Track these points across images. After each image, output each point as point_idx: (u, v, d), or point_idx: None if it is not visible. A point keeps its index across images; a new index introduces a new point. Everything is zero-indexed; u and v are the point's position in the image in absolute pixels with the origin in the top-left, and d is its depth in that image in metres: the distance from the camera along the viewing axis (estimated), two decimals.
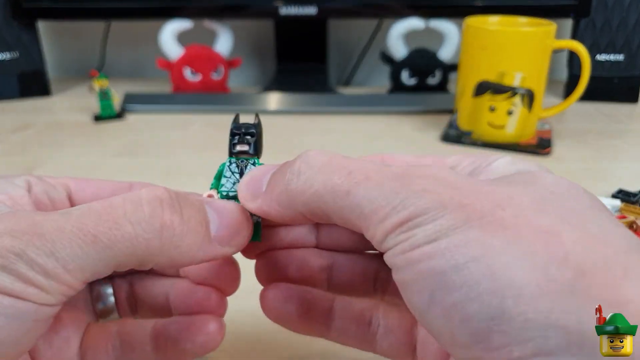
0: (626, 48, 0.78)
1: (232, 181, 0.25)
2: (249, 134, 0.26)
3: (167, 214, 0.20)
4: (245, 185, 0.23)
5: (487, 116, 0.65)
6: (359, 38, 0.96)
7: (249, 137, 0.26)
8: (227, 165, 0.26)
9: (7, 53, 0.82)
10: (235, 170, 0.25)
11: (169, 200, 0.21)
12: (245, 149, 0.26)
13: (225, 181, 0.25)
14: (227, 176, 0.25)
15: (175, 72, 0.84)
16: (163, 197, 0.21)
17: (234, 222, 0.22)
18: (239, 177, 0.25)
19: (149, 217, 0.20)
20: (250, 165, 0.25)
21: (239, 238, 0.23)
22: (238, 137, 0.26)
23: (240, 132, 0.26)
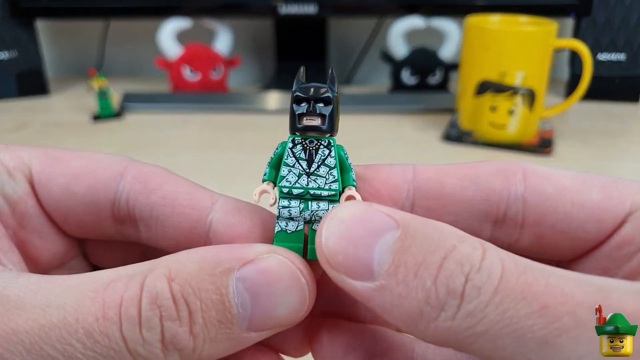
0: (628, 47, 0.78)
1: (296, 172, 0.18)
2: (322, 101, 0.18)
3: (169, 334, 0.15)
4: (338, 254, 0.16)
5: (488, 116, 0.65)
6: (359, 37, 0.95)
7: (321, 105, 0.18)
8: (289, 148, 0.19)
9: (6, 52, 0.82)
10: (300, 155, 0.18)
11: (170, 307, 0.15)
12: (315, 124, 0.18)
13: (286, 171, 0.18)
14: (290, 164, 0.18)
15: (174, 71, 0.83)
16: (161, 301, 0.15)
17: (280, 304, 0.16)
18: (306, 165, 0.18)
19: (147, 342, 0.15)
20: (324, 148, 0.18)
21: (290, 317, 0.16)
22: (306, 106, 0.18)
23: (310, 97, 0.18)
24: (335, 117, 0.18)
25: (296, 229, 0.18)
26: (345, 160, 0.19)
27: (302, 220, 0.18)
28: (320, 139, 0.18)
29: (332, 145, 0.18)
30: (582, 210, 0.18)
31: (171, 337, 0.15)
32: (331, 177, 0.18)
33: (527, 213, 0.19)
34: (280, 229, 0.18)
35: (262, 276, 0.16)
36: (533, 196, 0.18)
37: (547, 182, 0.18)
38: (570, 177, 0.18)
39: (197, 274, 0.16)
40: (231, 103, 0.80)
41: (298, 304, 0.17)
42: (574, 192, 0.18)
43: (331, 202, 0.18)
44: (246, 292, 0.16)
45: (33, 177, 0.20)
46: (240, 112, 0.78)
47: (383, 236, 0.15)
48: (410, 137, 0.69)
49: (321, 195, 0.18)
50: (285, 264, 0.17)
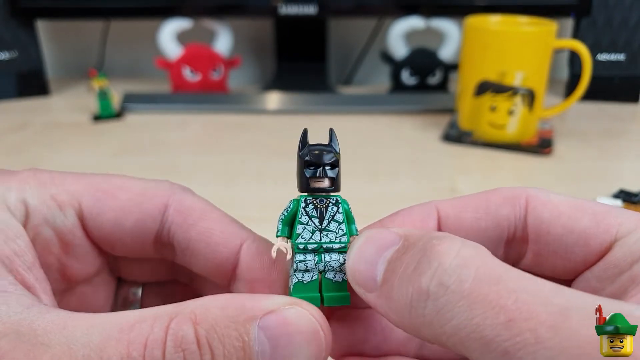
0: (627, 47, 0.78)
1: (310, 228, 0.20)
2: (330, 165, 0.20)
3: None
4: (355, 272, 0.19)
5: (488, 116, 0.65)
6: (359, 37, 0.95)
7: (330, 170, 0.20)
8: (302, 207, 0.20)
9: (6, 52, 0.82)
10: (313, 213, 0.20)
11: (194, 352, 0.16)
12: (324, 186, 0.20)
13: (301, 229, 0.20)
14: (304, 222, 0.20)
15: (175, 71, 0.83)
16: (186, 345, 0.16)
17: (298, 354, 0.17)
18: (318, 222, 0.20)
19: None
20: (333, 206, 0.20)
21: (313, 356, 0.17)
22: (315, 170, 0.20)
23: (320, 163, 0.20)
24: (339, 177, 0.21)
25: (312, 279, 0.21)
26: (350, 214, 0.21)
27: (316, 271, 0.21)
28: (329, 198, 0.21)
29: (339, 203, 0.21)
30: (571, 235, 0.20)
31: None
32: (341, 231, 0.21)
33: (528, 233, 0.21)
34: (297, 280, 0.21)
35: (283, 327, 0.17)
36: (532, 219, 0.21)
37: (545, 207, 0.21)
38: (567, 203, 0.21)
39: (221, 320, 0.16)
40: (231, 103, 0.80)
41: (315, 356, 0.17)
42: (567, 218, 0.20)
43: (341, 252, 0.21)
44: (267, 340, 0.16)
45: (83, 212, 0.22)
46: (240, 112, 0.78)
47: (386, 251, 0.18)
48: (410, 137, 0.70)
49: (333, 248, 0.21)
50: (306, 316, 0.17)
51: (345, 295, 0.20)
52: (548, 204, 0.21)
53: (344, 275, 0.20)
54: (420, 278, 0.16)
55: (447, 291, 0.15)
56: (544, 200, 0.21)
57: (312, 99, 0.81)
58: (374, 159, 0.63)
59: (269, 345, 0.16)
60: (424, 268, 0.16)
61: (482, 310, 0.15)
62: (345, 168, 0.22)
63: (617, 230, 0.19)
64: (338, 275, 0.21)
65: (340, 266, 0.20)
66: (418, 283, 0.16)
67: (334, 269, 0.21)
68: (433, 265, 0.16)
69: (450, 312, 0.15)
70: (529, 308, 0.14)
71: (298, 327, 0.17)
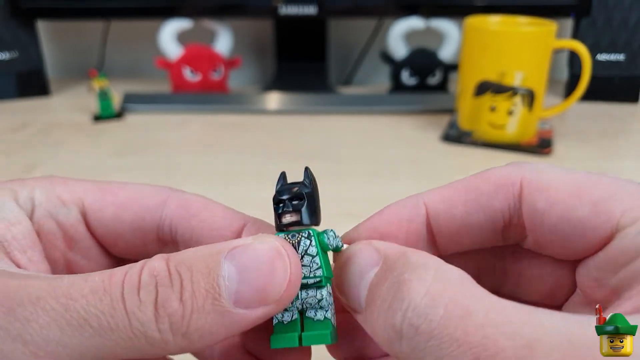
0: (627, 48, 0.78)
1: None
2: (295, 198, 0.20)
3: (161, 299, 0.17)
4: (342, 294, 0.20)
5: (488, 116, 0.65)
6: (359, 37, 0.95)
7: (296, 202, 0.20)
8: None
9: (6, 53, 0.82)
10: None
11: (165, 278, 0.17)
12: (294, 219, 0.20)
13: None
14: None
15: (175, 71, 0.83)
16: (159, 274, 0.17)
17: (264, 275, 0.18)
18: None
19: (143, 304, 0.17)
20: (305, 239, 0.20)
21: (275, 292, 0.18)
22: (283, 206, 0.20)
23: (284, 197, 0.20)
24: (312, 210, 0.20)
25: (292, 319, 0.20)
26: (326, 246, 0.20)
27: (295, 309, 0.20)
28: (301, 232, 0.20)
29: (312, 236, 0.20)
30: (568, 225, 0.19)
31: (163, 301, 0.17)
32: (315, 265, 0.20)
33: (524, 221, 0.20)
34: (277, 321, 0.20)
35: (248, 254, 0.18)
36: (527, 209, 0.20)
37: (540, 195, 0.19)
38: (565, 189, 0.19)
39: (192, 256, 0.18)
40: (231, 104, 0.80)
41: (281, 278, 0.18)
42: (562, 207, 0.19)
43: (318, 288, 0.20)
44: (234, 267, 0.17)
45: (85, 208, 0.23)
46: (240, 112, 0.78)
47: (368, 273, 0.18)
48: (410, 138, 0.70)
49: (307, 283, 0.20)
50: (270, 242, 0.18)
51: (325, 334, 0.19)
52: (544, 190, 0.19)
53: (326, 312, 0.20)
54: (394, 316, 0.16)
55: (417, 332, 0.15)
56: (540, 186, 0.20)
57: (312, 99, 0.81)
58: (374, 159, 0.63)
59: (236, 271, 0.17)
60: (397, 306, 0.16)
61: (450, 350, 0.15)
62: (346, 168, 0.22)
63: (618, 220, 0.18)
64: (319, 313, 0.20)
65: (318, 302, 0.20)
66: (392, 321, 0.16)
67: (312, 305, 0.20)
68: (404, 304, 0.16)
69: (422, 351, 0.15)
70: (495, 343, 0.14)
71: (263, 251, 0.18)
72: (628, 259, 0.17)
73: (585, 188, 0.19)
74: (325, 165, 0.61)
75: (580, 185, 0.19)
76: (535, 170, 0.20)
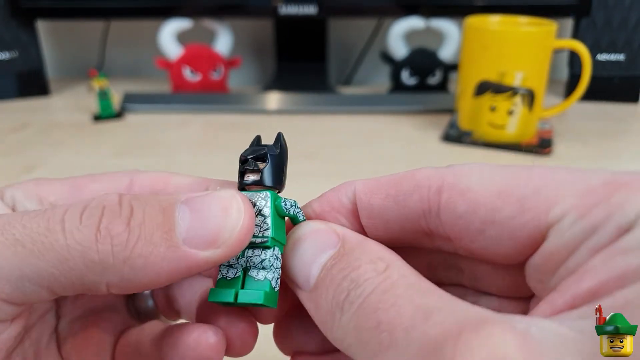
0: (627, 48, 0.78)
1: None
2: (260, 158, 0.20)
3: (106, 222, 0.17)
4: (290, 268, 0.19)
5: (488, 116, 0.65)
6: (359, 37, 0.96)
7: (259, 163, 0.20)
8: None
9: (6, 53, 0.82)
10: None
11: (114, 206, 0.17)
12: (253, 178, 0.20)
13: None
14: None
15: (175, 71, 0.83)
16: (108, 203, 0.17)
17: (217, 217, 0.18)
18: None
19: (84, 225, 0.16)
20: (261, 200, 0.20)
21: (225, 235, 0.18)
22: (246, 164, 0.20)
23: (247, 157, 0.20)
24: (275, 172, 0.20)
25: (234, 276, 0.20)
26: (282, 210, 0.20)
27: (239, 267, 0.20)
28: (259, 192, 0.20)
29: (268, 197, 0.20)
30: (494, 228, 0.17)
31: (107, 223, 0.16)
32: (265, 225, 0.19)
33: (446, 229, 0.18)
34: (222, 276, 0.20)
35: (204, 200, 0.18)
36: (446, 214, 0.18)
37: (461, 199, 0.18)
38: (489, 190, 0.17)
39: (147, 196, 0.18)
40: (231, 103, 0.80)
41: (233, 222, 0.18)
42: (485, 210, 0.17)
43: (264, 249, 0.19)
44: (188, 209, 0.18)
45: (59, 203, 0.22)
46: (240, 112, 0.78)
47: (323, 254, 0.18)
48: (410, 138, 0.70)
49: (255, 242, 0.19)
50: (229, 192, 0.18)
51: (259, 293, 0.19)
52: (466, 193, 0.18)
53: (267, 273, 0.19)
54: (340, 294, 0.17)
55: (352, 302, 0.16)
56: (461, 189, 0.18)
57: (312, 99, 0.81)
58: (374, 159, 0.63)
59: (189, 211, 0.17)
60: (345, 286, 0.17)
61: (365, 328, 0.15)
62: (346, 168, 0.22)
63: (548, 215, 0.16)
64: (261, 273, 0.19)
65: (261, 262, 0.19)
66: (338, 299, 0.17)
67: (255, 265, 0.19)
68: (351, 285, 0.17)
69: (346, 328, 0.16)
70: (398, 310, 0.15)
71: (219, 198, 0.18)
72: (562, 258, 0.16)
73: (511, 186, 0.17)
74: (325, 165, 0.61)
75: (506, 183, 0.17)
76: (458, 173, 0.18)
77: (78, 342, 0.23)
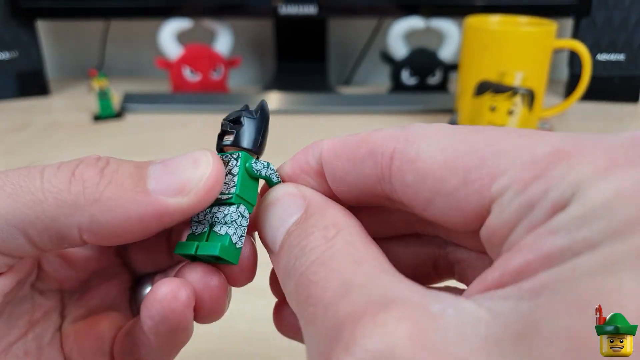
0: (627, 48, 0.78)
1: None
2: (237, 121, 0.21)
3: (81, 167, 0.18)
4: (260, 231, 0.20)
5: (488, 116, 0.65)
6: (359, 37, 0.96)
7: (236, 125, 0.21)
8: None
9: (6, 53, 0.82)
10: None
11: (91, 160, 0.18)
12: (228, 140, 0.21)
13: None
14: None
15: (175, 71, 0.83)
16: (86, 158, 0.19)
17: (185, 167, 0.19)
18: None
19: (60, 171, 0.18)
20: (233, 160, 0.20)
21: (192, 184, 0.18)
22: (223, 127, 0.21)
23: (224, 120, 0.21)
24: (250, 135, 0.21)
25: (202, 231, 0.20)
26: (253, 171, 0.20)
27: (207, 223, 0.20)
28: (232, 154, 0.20)
29: (239, 157, 0.20)
30: (439, 199, 0.16)
31: (82, 170, 0.18)
32: (232, 183, 0.20)
33: (400, 196, 0.18)
34: (191, 232, 0.21)
35: (176, 157, 0.19)
36: (397, 182, 0.17)
37: (409, 168, 0.17)
38: (436, 160, 0.16)
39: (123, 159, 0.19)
40: (231, 103, 0.80)
41: (201, 172, 0.18)
42: (434, 180, 0.16)
43: (229, 205, 0.20)
44: (160, 165, 0.19)
45: None
46: None
47: (289, 218, 0.19)
48: None
49: (221, 199, 0.20)
50: (200, 150, 0.19)
51: (215, 245, 0.19)
52: (415, 162, 0.17)
53: (228, 228, 0.20)
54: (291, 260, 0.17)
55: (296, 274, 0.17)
56: (411, 158, 0.17)
57: (312, 99, 0.81)
58: None
59: (162, 165, 0.19)
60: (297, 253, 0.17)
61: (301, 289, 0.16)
62: None
63: (491, 189, 0.15)
64: (223, 229, 0.20)
65: (224, 217, 0.20)
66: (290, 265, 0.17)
67: (219, 220, 0.20)
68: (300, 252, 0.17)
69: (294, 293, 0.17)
70: (325, 285, 0.15)
71: (190, 154, 0.19)
72: (504, 233, 0.15)
73: (458, 155, 0.16)
74: None
75: (454, 151, 0.16)
76: (410, 139, 0.17)
77: (79, 337, 0.23)
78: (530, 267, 0.13)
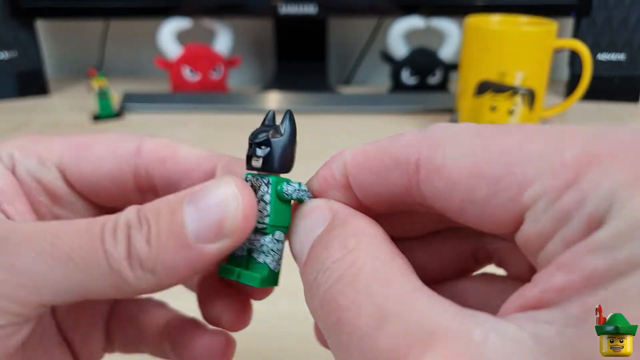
0: (627, 47, 0.78)
1: None
2: (263, 144, 0.20)
3: (133, 239, 0.18)
4: (291, 245, 0.20)
5: (488, 116, 0.65)
6: (359, 37, 0.95)
7: (263, 149, 0.20)
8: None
9: (6, 52, 0.82)
10: None
11: (136, 223, 0.19)
12: (256, 165, 0.20)
13: None
14: None
15: (174, 71, 0.83)
16: (130, 220, 0.19)
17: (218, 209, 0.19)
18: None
19: (118, 244, 0.18)
20: (264, 186, 0.20)
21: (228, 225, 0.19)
22: (251, 149, 0.21)
23: (250, 141, 0.21)
24: (279, 158, 0.20)
25: (241, 255, 0.21)
26: (283, 195, 0.20)
27: (245, 247, 0.21)
28: (263, 177, 0.20)
29: (270, 183, 0.20)
30: (472, 206, 0.16)
31: (134, 242, 0.18)
32: (265, 212, 0.20)
33: (431, 203, 0.18)
34: (233, 252, 0.21)
35: (206, 195, 0.19)
36: (426, 190, 0.17)
37: (438, 176, 0.17)
38: (465, 167, 0.16)
39: (158, 203, 0.19)
40: (231, 103, 0.80)
41: (233, 212, 0.19)
42: (464, 188, 0.16)
43: (263, 234, 0.20)
44: (193, 208, 0.19)
45: (63, 165, 0.24)
46: (240, 112, 0.78)
47: (316, 230, 0.19)
48: None
49: (257, 227, 0.20)
50: (228, 183, 0.19)
51: (255, 277, 0.20)
52: (442, 170, 0.16)
53: (266, 257, 0.20)
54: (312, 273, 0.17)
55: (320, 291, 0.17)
56: (437, 166, 0.16)
57: (312, 99, 0.80)
58: None
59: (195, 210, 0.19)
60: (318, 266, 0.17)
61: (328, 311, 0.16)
62: None
63: (522, 198, 0.15)
64: (261, 257, 0.20)
65: (260, 247, 0.20)
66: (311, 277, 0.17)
67: (256, 248, 0.20)
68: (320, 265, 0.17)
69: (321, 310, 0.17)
70: (357, 311, 0.15)
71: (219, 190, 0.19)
72: (539, 244, 0.15)
73: (485, 161, 0.16)
74: None
75: (481, 157, 0.16)
76: (433, 144, 0.17)
77: (72, 310, 0.24)
78: (573, 288, 0.13)
